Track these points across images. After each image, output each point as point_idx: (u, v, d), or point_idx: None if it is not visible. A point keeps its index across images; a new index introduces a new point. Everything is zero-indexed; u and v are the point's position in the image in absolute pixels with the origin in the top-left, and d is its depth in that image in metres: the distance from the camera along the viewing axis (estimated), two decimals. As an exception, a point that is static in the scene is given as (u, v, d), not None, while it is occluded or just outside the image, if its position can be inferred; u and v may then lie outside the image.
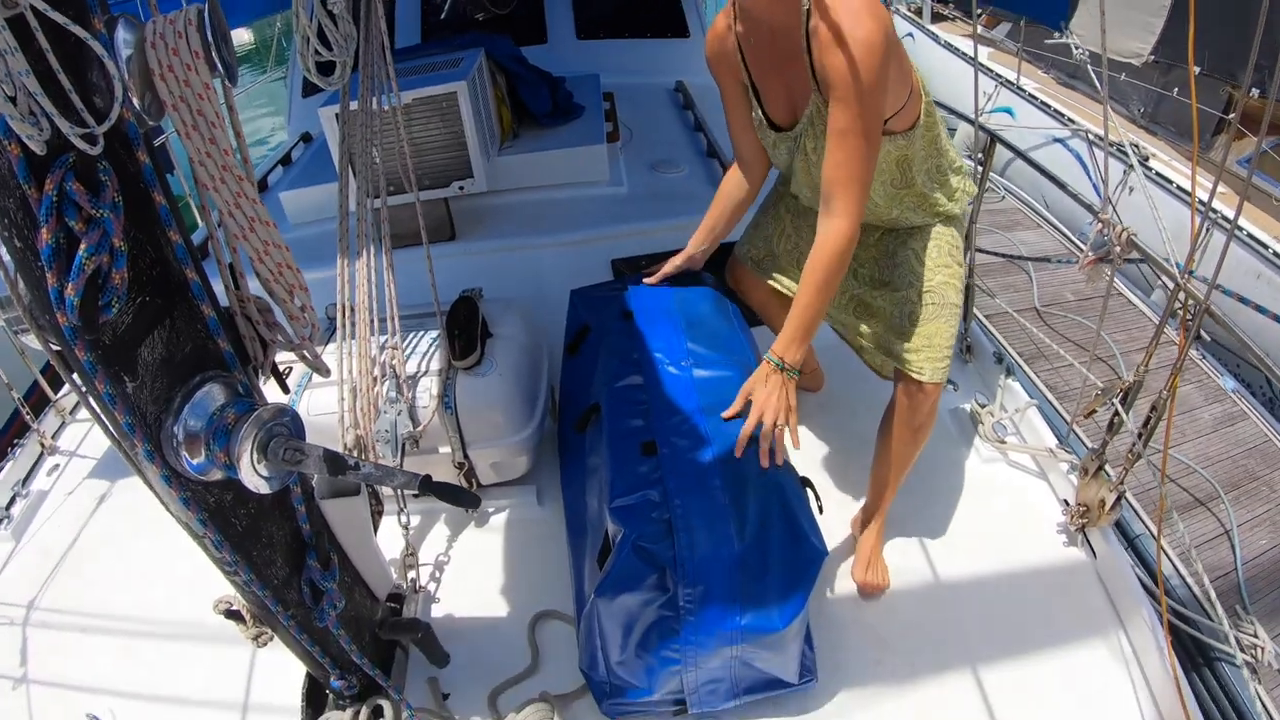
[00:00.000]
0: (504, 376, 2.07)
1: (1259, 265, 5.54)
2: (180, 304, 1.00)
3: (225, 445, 1.01)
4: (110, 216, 0.82)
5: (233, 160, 1.00)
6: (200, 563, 1.27)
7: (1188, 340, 1.83)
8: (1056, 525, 2.25)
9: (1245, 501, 4.29)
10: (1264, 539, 4.07)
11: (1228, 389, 5.04)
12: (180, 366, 1.01)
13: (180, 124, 0.91)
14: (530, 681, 1.82)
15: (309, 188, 2.94)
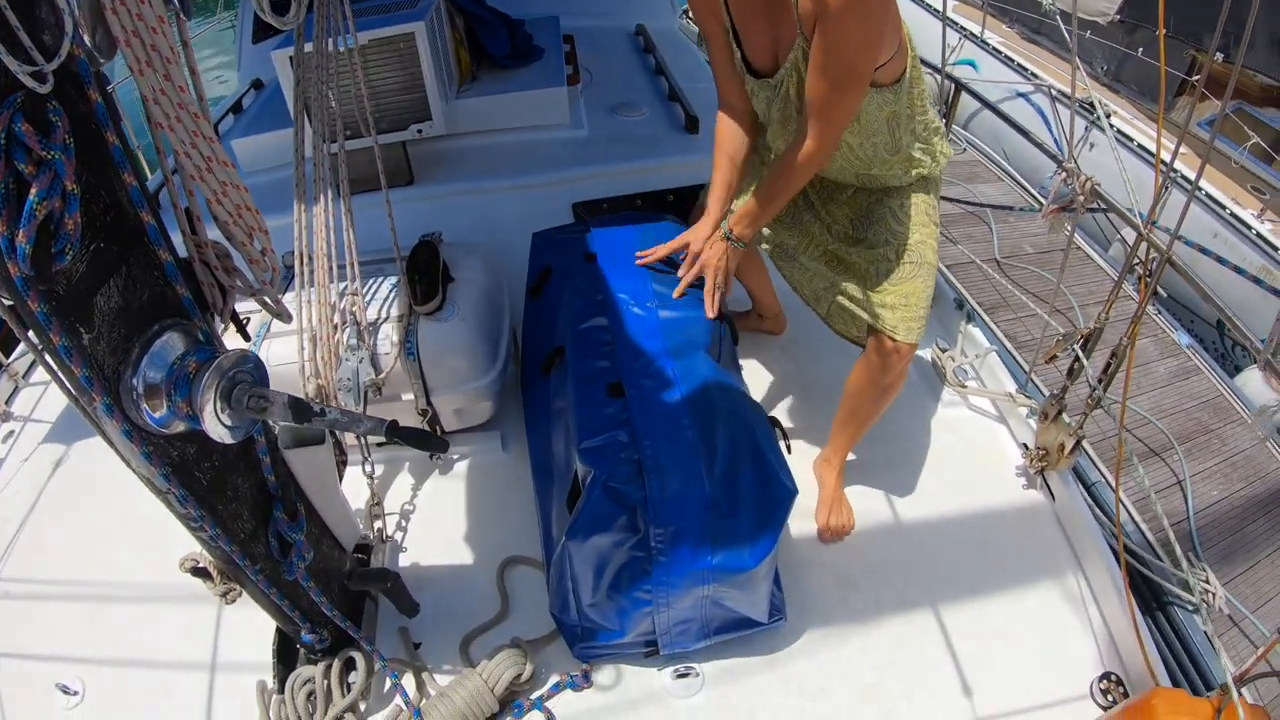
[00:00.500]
0: (466, 321, 2.04)
1: (1215, 224, 5.68)
2: (136, 250, 0.96)
3: (187, 395, 0.98)
4: (61, 158, 0.78)
5: (189, 98, 0.95)
6: (163, 522, 1.24)
7: (1149, 288, 1.86)
8: (1016, 468, 2.29)
9: (1197, 453, 4.43)
10: (1214, 490, 4.21)
11: (1182, 344, 5.17)
12: (138, 315, 0.97)
13: (133, 60, 0.87)
14: (501, 627, 1.82)
15: (262, 134, 2.85)
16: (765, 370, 2.53)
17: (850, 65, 1.52)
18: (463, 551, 2.01)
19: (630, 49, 4.02)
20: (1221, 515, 4.08)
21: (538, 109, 3.00)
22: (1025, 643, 1.87)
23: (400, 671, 1.69)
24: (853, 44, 1.48)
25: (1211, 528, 4.03)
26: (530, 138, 3.01)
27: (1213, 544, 3.93)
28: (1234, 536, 4.02)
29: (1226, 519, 4.08)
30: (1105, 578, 1.94)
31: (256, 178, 2.79)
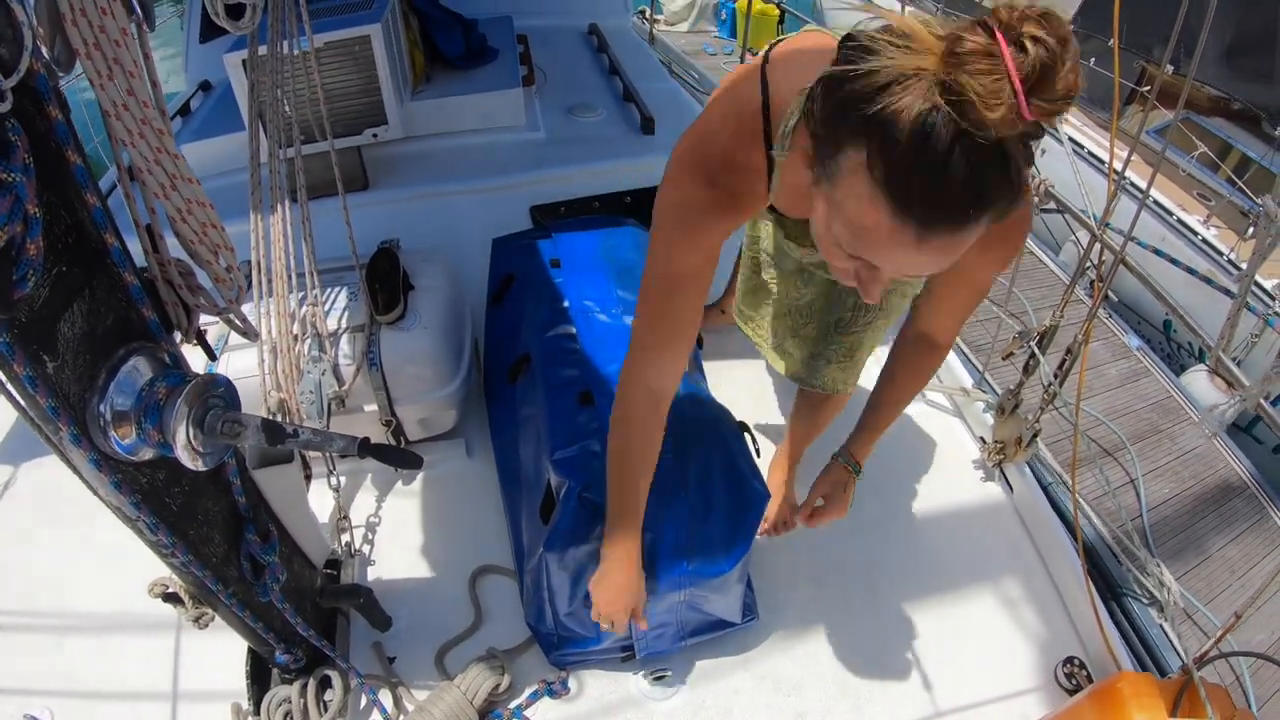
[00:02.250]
0: (429, 330, 2.01)
1: (1164, 230, 5.87)
2: (99, 272, 0.92)
3: (158, 423, 0.94)
4: (22, 180, 0.74)
5: (152, 113, 0.92)
6: (125, 545, 1.20)
7: (1104, 287, 1.90)
8: (974, 462, 2.33)
9: (1148, 453, 4.60)
10: (1166, 488, 4.37)
11: (1132, 346, 5.33)
12: (103, 340, 0.93)
13: (94, 74, 0.83)
14: (476, 638, 1.80)
15: (212, 139, 2.77)
16: (732, 374, 2.53)
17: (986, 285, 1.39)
18: (433, 563, 1.98)
19: (585, 49, 4.00)
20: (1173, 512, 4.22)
21: (494, 111, 2.97)
22: (990, 631, 1.91)
23: (377, 687, 1.66)
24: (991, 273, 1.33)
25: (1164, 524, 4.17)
26: (486, 140, 2.98)
27: (1165, 540, 4.07)
28: (1186, 532, 4.17)
29: (1178, 516, 4.22)
30: (1065, 565, 1.99)
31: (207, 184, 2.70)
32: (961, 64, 0.75)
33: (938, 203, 0.80)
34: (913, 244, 0.84)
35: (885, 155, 0.80)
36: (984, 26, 0.75)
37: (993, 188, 0.79)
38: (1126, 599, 2.01)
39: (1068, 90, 0.74)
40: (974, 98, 0.73)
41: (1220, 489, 4.48)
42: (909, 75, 0.77)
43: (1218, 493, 4.45)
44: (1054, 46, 0.73)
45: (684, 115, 3.35)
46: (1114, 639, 1.81)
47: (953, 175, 0.77)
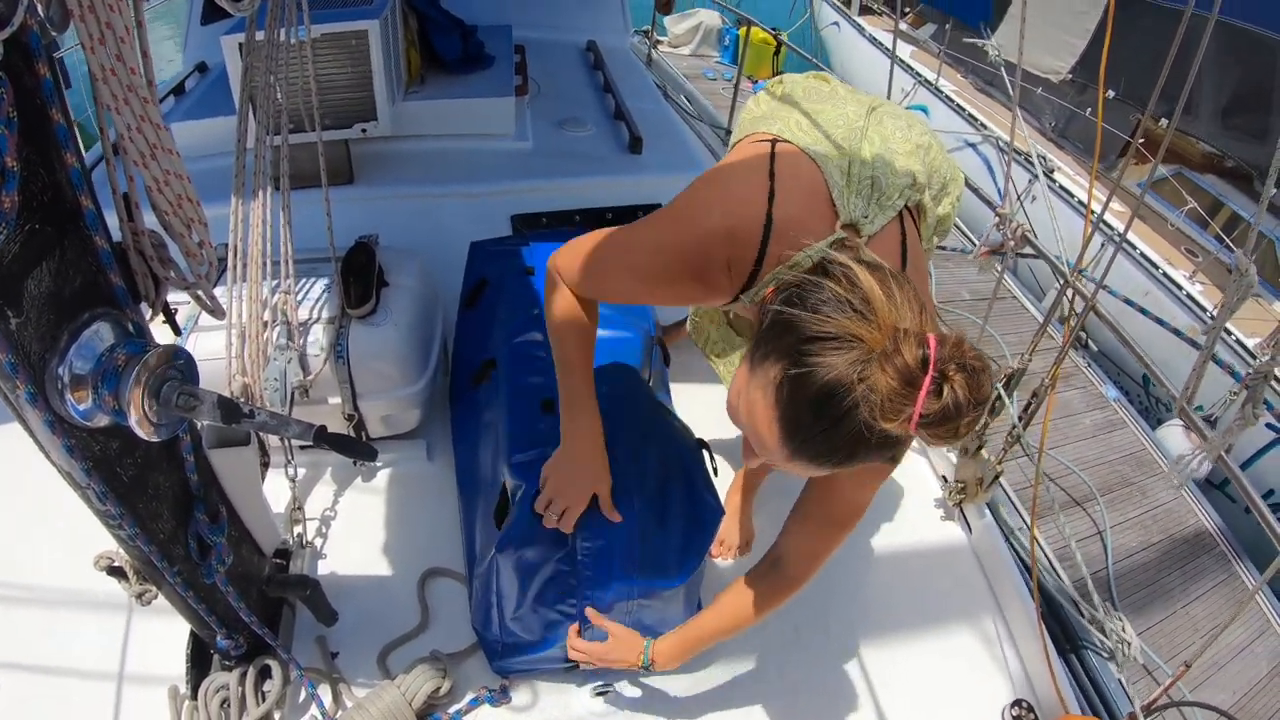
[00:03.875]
0: (398, 327, 2.01)
1: (1148, 283, 5.94)
2: (72, 234, 0.92)
3: (114, 389, 0.94)
4: (4, 133, 0.74)
5: (139, 80, 0.92)
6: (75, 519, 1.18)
7: (1071, 332, 1.93)
8: (935, 500, 2.35)
9: (1118, 505, 4.63)
10: (1134, 540, 4.40)
11: (1110, 397, 5.38)
12: (69, 302, 0.93)
13: (86, 36, 0.83)
14: (420, 639, 1.79)
15: (202, 120, 2.77)
16: (696, 392, 2.54)
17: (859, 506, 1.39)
18: (384, 561, 1.97)
19: (580, 64, 4.04)
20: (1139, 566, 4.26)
21: (484, 117, 2.99)
22: (940, 671, 1.92)
23: (317, 681, 1.64)
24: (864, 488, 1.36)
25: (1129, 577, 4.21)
26: (474, 146, 2.99)
27: (1130, 594, 4.11)
28: (1151, 587, 4.21)
29: (1144, 570, 4.27)
30: (1018, 608, 2.01)
31: (193, 164, 2.70)
32: (886, 368, 0.85)
33: (814, 447, 0.95)
34: (785, 458, 0.99)
35: (793, 389, 0.93)
36: (923, 353, 0.86)
37: (865, 456, 0.94)
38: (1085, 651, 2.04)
39: (956, 435, 0.87)
40: (879, 401, 0.86)
41: (1189, 545, 4.52)
42: (848, 341, 0.89)
43: (1186, 549, 4.50)
44: (963, 404, 0.85)
45: (672, 137, 3.38)
46: (1064, 683, 1.83)
47: (835, 437, 0.92)
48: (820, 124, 1.34)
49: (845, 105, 1.41)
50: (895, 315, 0.90)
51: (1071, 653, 2.04)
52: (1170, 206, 6.53)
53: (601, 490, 1.53)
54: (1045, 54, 7.93)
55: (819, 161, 1.24)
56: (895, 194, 1.25)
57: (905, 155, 1.33)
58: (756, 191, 1.20)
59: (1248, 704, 3.72)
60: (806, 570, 1.46)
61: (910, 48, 10.19)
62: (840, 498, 1.36)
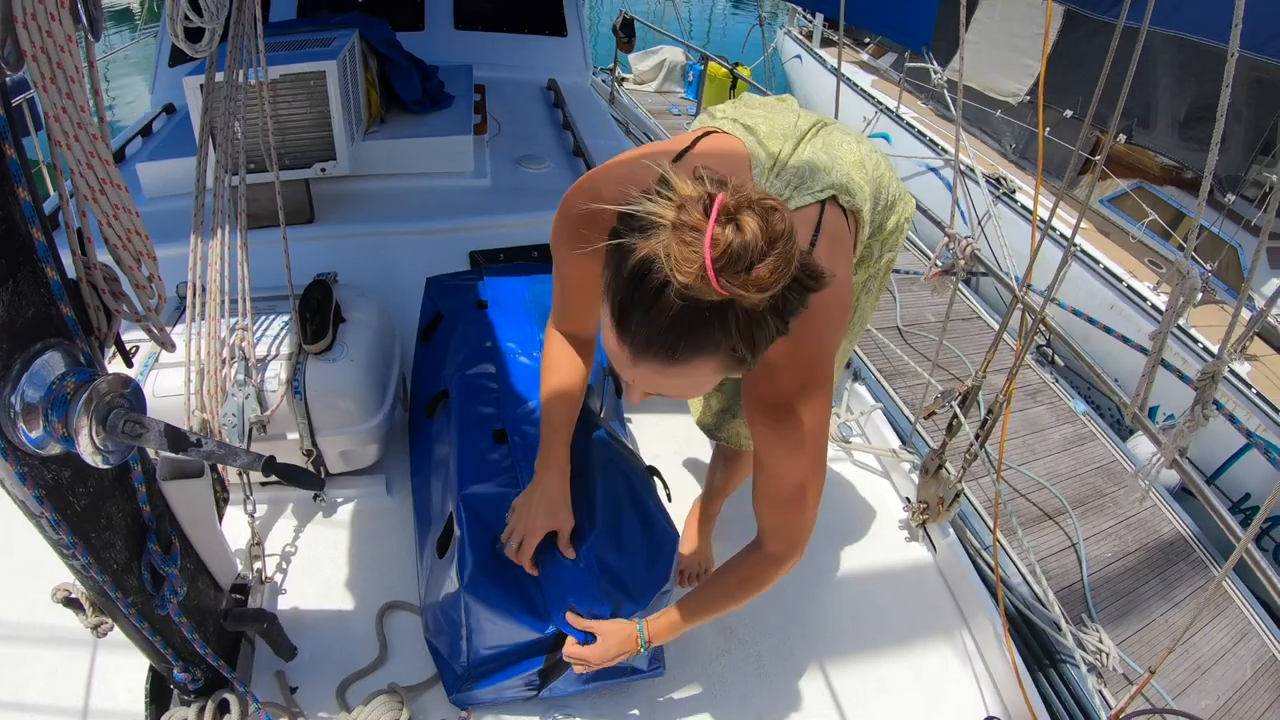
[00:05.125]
0: (355, 363, 2.03)
1: (1113, 297, 6.06)
2: (25, 266, 0.94)
3: (64, 416, 0.95)
4: (-47, 168, 0.77)
5: (88, 118, 0.95)
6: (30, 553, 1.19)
7: (1025, 344, 1.99)
8: (899, 521, 2.38)
9: (1091, 517, 4.66)
10: (1108, 551, 4.43)
11: (1078, 411, 5.46)
12: (21, 332, 0.94)
13: (39, 76, 0.86)
14: (379, 673, 1.79)
15: (167, 160, 2.79)
16: (649, 420, 2.58)
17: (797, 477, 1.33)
18: (343, 595, 1.97)
19: (541, 102, 4.10)
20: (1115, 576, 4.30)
21: (443, 156, 3.03)
22: (909, 691, 1.94)
23: (275, 715, 1.64)
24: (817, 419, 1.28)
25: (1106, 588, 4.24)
26: (433, 184, 3.03)
27: (1107, 604, 4.14)
28: (1128, 597, 4.24)
29: (1120, 580, 4.30)
30: (986, 625, 2.04)
31: (161, 204, 2.73)
32: (677, 225, 0.84)
33: (643, 336, 0.92)
34: (630, 362, 0.97)
35: (614, 282, 0.93)
36: (707, 203, 0.85)
37: (696, 338, 0.90)
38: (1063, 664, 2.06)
39: (759, 279, 0.83)
40: (673, 256, 0.84)
41: (1164, 553, 4.55)
42: (652, 222, 0.87)
43: (1162, 557, 4.52)
44: (755, 239, 0.83)
45: None
46: (1034, 700, 1.86)
47: (656, 317, 0.89)
48: (762, 124, 1.37)
49: (795, 117, 1.45)
50: (698, 189, 0.88)
51: (1050, 667, 2.06)
52: (1131, 220, 6.68)
53: (562, 527, 1.55)
54: (1002, 77, 8.12)
55: (748, 145, 1.29)
56: (818, 186, 1.26)
57: (850, 165, 1.36)
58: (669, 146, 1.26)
59: (1234, 707, 3.75)
60: (786, 548, 1.44)
61: (871, 77, 10.41)
62: (781, 478, 1.34)
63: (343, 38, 2.65)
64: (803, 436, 1.24)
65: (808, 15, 12.11)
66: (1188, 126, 6.75)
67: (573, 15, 4.49)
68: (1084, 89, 7.02)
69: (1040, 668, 2.05)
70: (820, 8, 7.58)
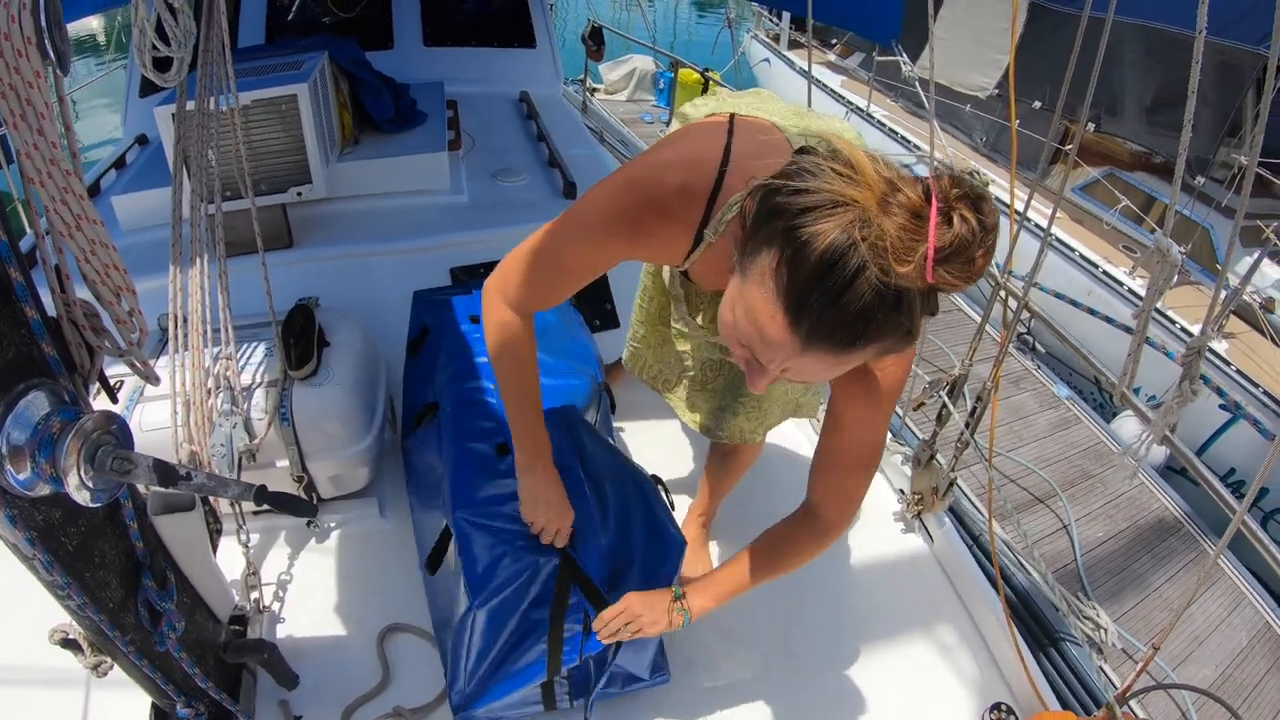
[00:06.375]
0: (341, 386, 2.02)
1: (1090, 283, 6.14)
2: (3, 307, 0.93)
3: (51, 456, 0.94)
4: (-74, 211, 0.76)
5: (60, 154, 0.94)
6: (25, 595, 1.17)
7: (1010, 331, 2.00)
8: (894, 514, 2.38)
9: (1081, 498, 4.72)
10: (1100, 530, 4.49)
11: (1061, 396, 5.52)
12: (3, 374, 0.93)
13: (8, 113, 0.85)
14: (383, 696, 1.78)
15: (143, 192, 2.76)
16: (644, 431, 2.57)
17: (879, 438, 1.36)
18: (342, 621, 1.96)
19: (514, 115, 4.10)
20: (1108, 555, 4.35)
21: (418, 174, 3.02)
22: (915, 682, 1.94)
23: (279, 745, 1.62)
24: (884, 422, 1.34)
25: (1099, 567, 4.29)
26: (410, 202, 3.02)
27: (1102, 583, 4.18)
28: (1122, 574, 4.29)
29: (1113, 558, 4.36)
30: (987, 612, 2.04)
31: (138, 236, 2.71)
32: (889, 212, 0.82)
33: (826, 324, 0.88)
34: (796, 351, 0.93)
35: (793, 267, 0.87)
36: (924, 188, 0.83)
37: (881, 325, 0.87)
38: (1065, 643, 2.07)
39: (974, 272, 0.82)
40: (889, 246, 0.81)
41: (1155, 530, 4.63)
42: (840, 203, 0.84)
43: (1152, 534, 4.60)
44: (976, 231, 0.81)
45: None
46: (1040, 682, 1.86)
47: (846, 305, 0.85)
48: (764, 112, 1.36)
49: (785, 105, 1.47)
50: (883, 172, 0.86)
51: (1051, 646, 2.07)
52: (1104, 206, 6.76)
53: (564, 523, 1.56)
54: (971, 72, 8.19)
55: (777, 126, 1.26)
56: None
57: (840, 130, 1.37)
58: (714, 136, 1.21)
59: (1233, 674, 3.81)
60: (845, 514, 1.46)
61: (840, 77, 10.48)
62: (859, 438, 1.33)
63: (312, 60, 2.64)
64: (892, 392, 1.25)
65: (774, 18, 12.18)
66: (1154, 112, 6.84)
67: (541, 26, 4.49)
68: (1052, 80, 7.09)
69: (1041, 649, 2.05)
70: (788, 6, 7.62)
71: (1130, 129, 7.04)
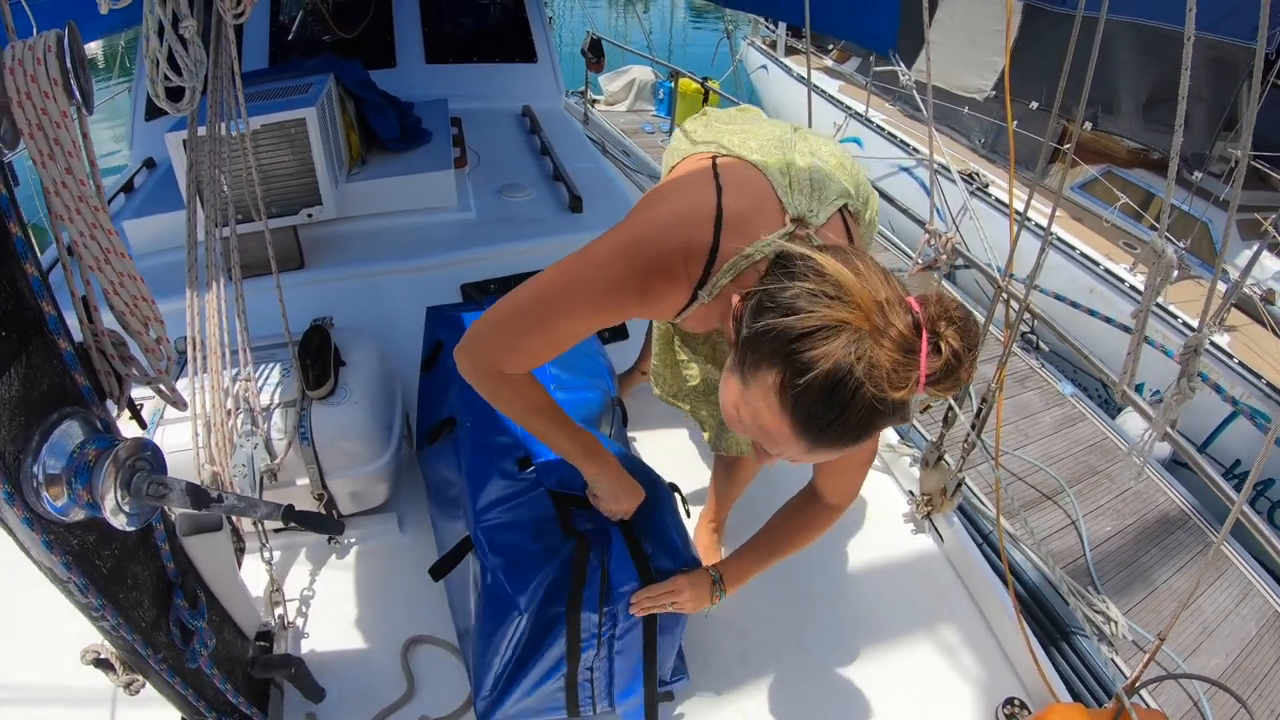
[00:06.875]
0: (359, 404, 2.05)
1: (1092, 281, 6.15)
2: (36, 339, 0.96)
3: (87, 483, 0.98)
4: (-34, 249, 0.79)
5: (89, 190, 0.97)
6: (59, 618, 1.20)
7: (1012, 331, 2.02)
8: (903, 515, 2.41)
9: (1089, 493, 4.74)
10: (1108, 525, 4.51)
11: (1066, 393, 5.54)
12: (38, 404, 0.97)
13: (37, 153, 0.89)
14: (409, 707, 1.81)
15: (153, 216, 2.81)
16: (656, 438, 2.60)
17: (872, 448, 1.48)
18: (366, 634, 1.99)
19: (517, 130, 4.14)
20: (1117, 549, 4.37)
21: (425, 192, 3.06)
22: (928, 679, 1.97)
23: (309, 759, 1.65)
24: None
25: (1108, 561, 4.31)
26: (419, 221, 3.06)
27: (1110, 576, 4.20)
28: (1131, 568, 4.31)
29: (1121, 552, 4.37)
30: (998, 608, 2.06)
31: (150, 260, 2.74)
32: (881, 343, 0.89)
33: (832, 435, 0.96)
34: (804, 452, 1.02)
35: (795, 388, 0.94)
36: (913, 318, 0.91)
37: (881, 425, 0.96)
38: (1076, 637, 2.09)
39: (958, 384, 0.92)
40: (885, 376, 0.89)
41: (1162, 523, 4.64)
42: (834, 326, 0.90)
43: (1160, 527, 4.61)
44: (962, 354, 0.90)
45: (611, 193, 3.48)
46: (1052, 676, 1.88)
47: (848, 419, 0.93)
48: (750, 140, 1.39)
49: (771, 126, 1.50)
50: (870, 289, 0.92)
51: (1063, 641, 2.09)
52: (1103, 204, 6.78)
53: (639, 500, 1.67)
54: (968, 74, 8.22)
55: (759, 166, 1.29)
56: (833, 195, 1.29)
57: (836, 169, 1.39)
58: (704, 189, 1.24)
59: (1243, 663, 3.82)
60: (847, 499, 1.54)
61: (838, 82, 10.51)
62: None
63: (319, 83, 2.69)
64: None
65: (771, 25, 12.22)
66: (1150, 109, 6.86)
67: (541, 40, 4.54)
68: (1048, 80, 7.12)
69: (1053, 643, 2.08)
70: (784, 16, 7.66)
71: (1127, 126, 7.06)
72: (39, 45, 0.85)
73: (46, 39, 0.85)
